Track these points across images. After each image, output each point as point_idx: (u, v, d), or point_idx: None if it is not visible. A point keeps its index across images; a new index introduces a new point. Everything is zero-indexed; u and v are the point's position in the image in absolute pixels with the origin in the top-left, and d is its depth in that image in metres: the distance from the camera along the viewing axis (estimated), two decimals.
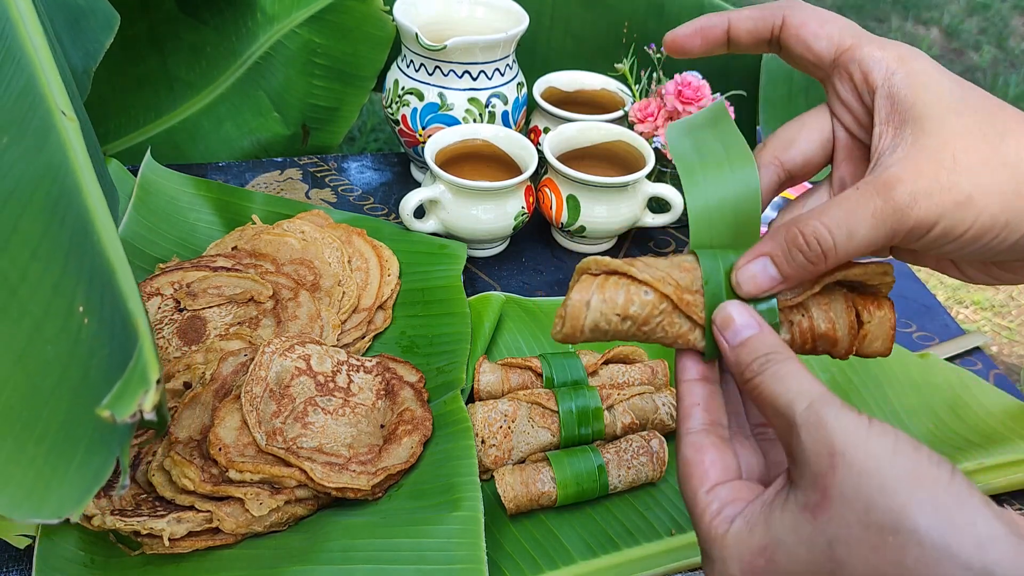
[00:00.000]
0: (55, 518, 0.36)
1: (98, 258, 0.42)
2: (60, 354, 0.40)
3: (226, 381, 0.57)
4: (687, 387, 0.39)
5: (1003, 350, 1.71)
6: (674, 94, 0.79)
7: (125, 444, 0.37)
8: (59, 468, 0.37)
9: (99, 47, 0.67)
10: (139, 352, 0.37)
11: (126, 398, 0.35)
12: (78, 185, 0.45)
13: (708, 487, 0.36)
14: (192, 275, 0.66)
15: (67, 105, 0.49)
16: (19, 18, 0.52)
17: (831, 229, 0.35)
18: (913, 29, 2.84)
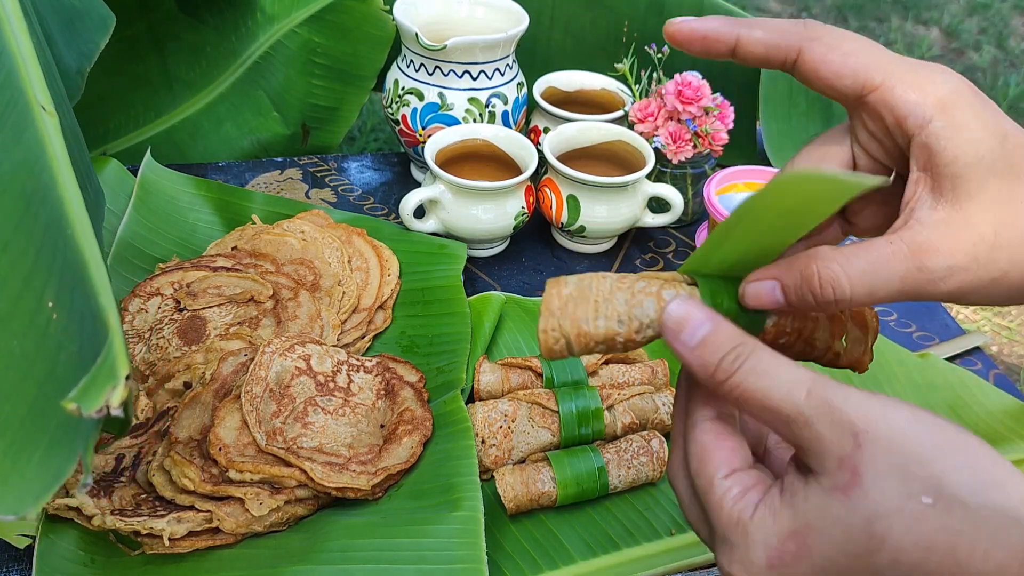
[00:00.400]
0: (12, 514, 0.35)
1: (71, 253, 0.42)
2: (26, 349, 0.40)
3: (226, 381, 0.57)
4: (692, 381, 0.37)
5: (1003, 350, 1.71)
6: (674, 94, 0.79)
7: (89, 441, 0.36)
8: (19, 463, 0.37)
9: (94, 47, 0.67)
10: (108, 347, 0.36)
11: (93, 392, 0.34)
12: (54, 180, 0.45)
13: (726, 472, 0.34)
14: (192, 275, 0.66)
15: (47, 100, 0.48)
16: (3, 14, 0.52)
17: (852, 281, 0.34)
18: (913, 29, 2.84)
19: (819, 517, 0.30)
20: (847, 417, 0.30)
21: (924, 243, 0.33)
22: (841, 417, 0.30)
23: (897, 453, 0.29)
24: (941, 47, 2.75)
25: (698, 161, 0.83)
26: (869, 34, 2.78)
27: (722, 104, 0.81)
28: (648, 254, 0.83)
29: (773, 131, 0.93)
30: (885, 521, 0.29)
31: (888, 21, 2.87)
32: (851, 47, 0.36)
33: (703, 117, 0.80)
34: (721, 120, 0.81)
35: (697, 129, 0.80)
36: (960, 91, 0.35)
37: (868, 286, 0.33)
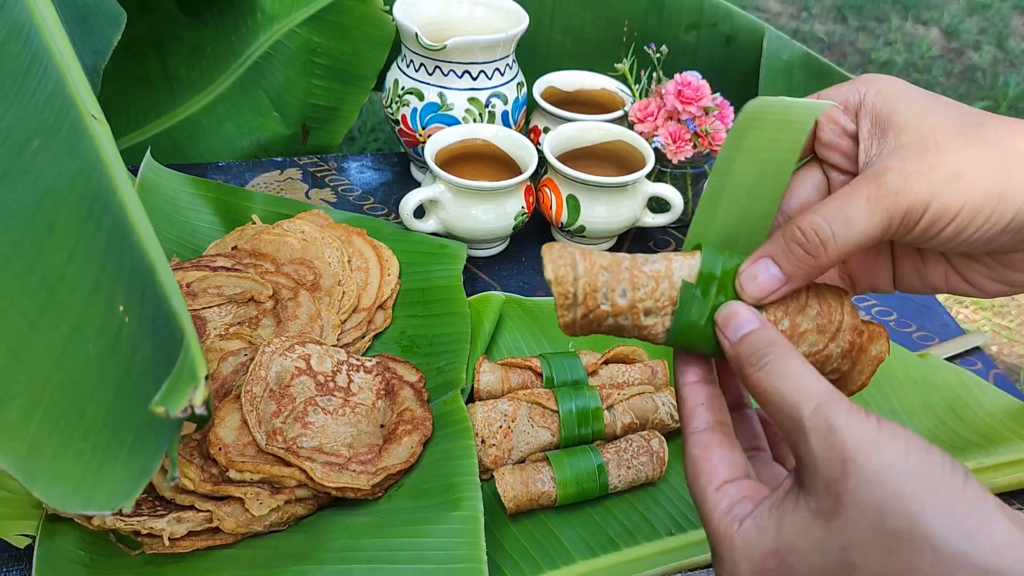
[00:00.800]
0: (107, 509, 0.37)
1: (137, 258, 0.43)
2: (101, 352, 0.41)
3: (226, 381, 0.57)
4: (689, 389, 0.39)
5: (1003, 350, 1.71)
6: (674, 94, 0.79)
7: (174, 438, 0.38)
8: (107, 462, 0.39)
9: (107, 44, 0.67)
10: (186, 349, 0.38)
11: (177, 393, 0.36)
12: (113, 187, 0.46)
13: (717, 484, 0.35)
14: (192, 275, 0.66)
15: (96, 108, 0.50)
16: (43, 23, 0.53)
17: (827, 219, 0.36)
18: (913, 29, 2.84)
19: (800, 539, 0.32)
20: (840, 442, 0.31)
21: (878, 168, 0.36)
22: (835, 440, 0.31)
23: (880, 487, 0.30)
24: (941, 47, 2.75)
25: (698, 161, 0.83)
26: (869, 34, 2.78)
27: (722, 104, 0.81)
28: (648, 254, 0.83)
29: None
30: (860, 551, 0.30)
31: (888, 21, 2.87)
32: None
33: (703, 117, 0.80)
34: (721, 120, 0.81)
35: (697, 129, 0.80)
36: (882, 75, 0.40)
37: (843, 217, 0.35)
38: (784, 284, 0.37)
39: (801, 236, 0.36)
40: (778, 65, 0.93)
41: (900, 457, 0.30)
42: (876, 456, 0.31)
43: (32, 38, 0.52)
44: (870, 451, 0.31)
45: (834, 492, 0.31)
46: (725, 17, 0.94)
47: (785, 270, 0.37)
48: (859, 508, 0.30)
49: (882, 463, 0.30)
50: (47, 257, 0.43)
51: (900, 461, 0.30)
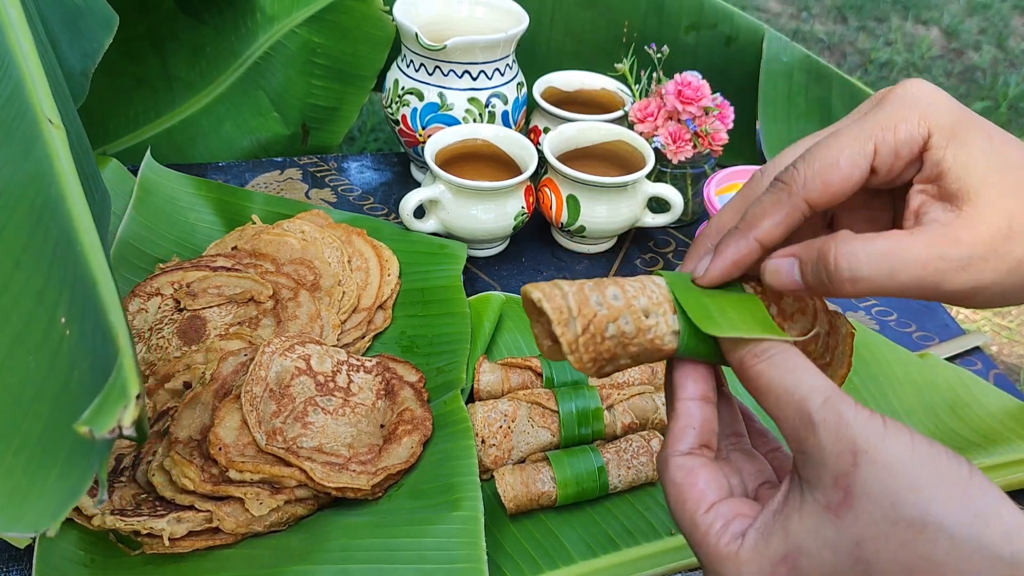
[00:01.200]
0: (32, 531, 0.35)
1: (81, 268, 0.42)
2: (41, 365, 0.40)
3: (226, 381, 0.57)
4: (684, 406, 0.37)
5: (1003, 350, 1.71)
6: (674, 94, 0.79)
7: (103, 458, 0.36)
8: (37, 481, 0.37)
9: (98, 47, 0.67)
10: (119, 366, 0.36)
11: (105, 413, 0.34)
12: (63, 194, 0.45)
13: (706, 508, 0.34)
14: (192, 275, 0.66)
15: (54, 112, 0.48)
16: (8, 23, 0.52)
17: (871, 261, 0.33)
18: (913, 29, 2.84)
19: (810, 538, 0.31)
20: (851, 433, 0.31)
21: (944, 232, 0.33)
22: (846, 432, 0.31)
23: (890, 479, 0.30)
24: (941, 47, 2.76)
25: (698, 161, 0.83)
26: (869, 34, 2.78)
27: (722, 104, 0.81)
28: (648, 254, 0.83)
29: (772, 132, 0.93)
30: (872, 545, 0.30)
31: (888, 21, 2.87)
32: None
33: (703, 117, 0.80)
34: (721, 120, 0.81)
35: (697, 129, 0.80)
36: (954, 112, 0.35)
37: (888, 268, 0.33)
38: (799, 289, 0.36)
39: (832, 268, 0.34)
40: (778, 67, 0.93)
41: (908, 450, 0.30)
42: (885, 449, 0.30)
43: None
44: (879, 444, 0.31)
45: (843, 485, 0.31)
46: (725, 18, 0.94)
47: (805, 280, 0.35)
48: (871, 500, 0.30)
49: (891, 455, 0.30)
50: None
51: (908, 454, 0.30)
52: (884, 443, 0.31)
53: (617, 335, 0.37)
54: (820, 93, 0.97)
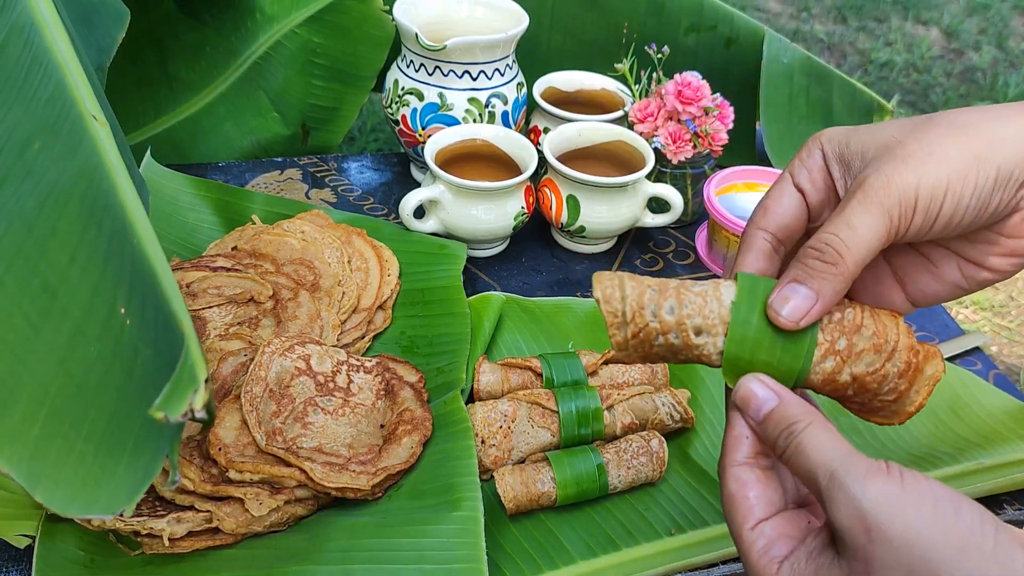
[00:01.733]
0: (107, 514, 0.37)
1: (139, 260, 0.43)
2: (103, 354, 0.41)
3: (226, 381, 0.57)
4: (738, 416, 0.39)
5: (1003, 350, 1.71)
6: (674, 94, 0.79)
7: (175, 441, 0.38)
8: (108, 466, 0.38)
9: (111, 42, 0.67)
10: (186, 352, 0.38)
11: (177, 397, 0.36)
12: (114, 188, 0.46)
13: (752, 524, 0.36)
14: (192, 275, 0.66)
15: (97, 109, 0.49)
16: (43, 23, 0.53)
17: (832, 230, 0.38)
18: (913, 29, 2.84)
19: None
20: (860, 511, 0.32)
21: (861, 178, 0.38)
22: (855, 510, 0.32)
23: (907, 554, 0.31)
24: (941, 47, 2.76)
25: (698, 161, 0.83)
26: (869, 34, 2.78)
27: (722, 104, 0.81)
28: (648, 254, 0.83)
29: (773, 133, 0.93)
30: None
31: (888, 21, 2.87)
32: None
33: (703, 117, 0.80)
34: (721, 120, 0.81)
35: (697, 129, 0.80)
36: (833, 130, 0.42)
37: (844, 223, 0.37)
38: (816, 303, 0.38)
39: (816, 252, 0.38)
40: (778, 68, 0.93)
41: (927, 522, 0.31)
42: (901, 522, 0.32)
43: (33, 39, 0.52)
44: (894, 517, 0.32)
45: (863, 558, 0.32)
46: (725, 19, 0.94)
47: (812, 287, 0.38)
48: (888, 571, 0.31)
49: (909, 529, 0.31)
50: (49, 259, 0.42)
51: (927, 525, 0.31)
52: (899, 515, 0.32)
53: (665, 345, 0.39)
54: (821, 94, 0.97)
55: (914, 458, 0.60)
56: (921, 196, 0.37)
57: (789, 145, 0.95)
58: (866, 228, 0.37)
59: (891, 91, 2.48)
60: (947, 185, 0.37)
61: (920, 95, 2.49)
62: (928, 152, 0.37)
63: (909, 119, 0.40)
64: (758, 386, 0.38)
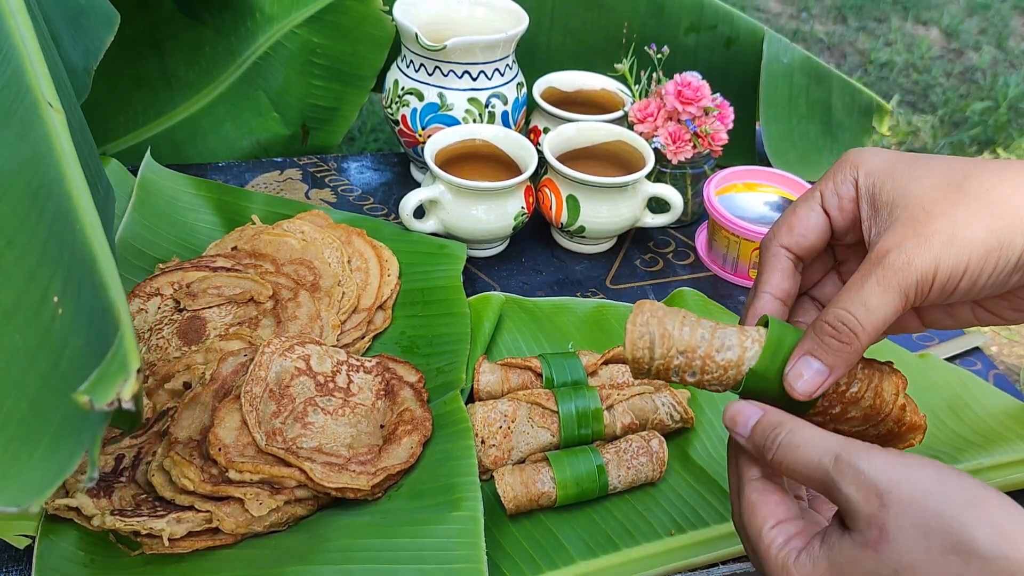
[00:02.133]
0: (14, 507, 0.35)
1: (79, 248, 0.42)
2: (29, 343, 0.40)
3: (226, 381, 0.57)
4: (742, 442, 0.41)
5: (1003, 350, 1.71)
6: (674, 94, 0.79)
7: (97, 435, 0.36)
8: (21, 457, 0.37)
9: (100, 45, 0.67)
10: (119, 340, 0.36)
11: (105, 384, 0.34)
12: (62, 175, 0.45)
13: (773, 524, 0.38)
14: (192, 275, 0.66)
15: (53, 96, 0.48)
16: (8, 12, 0.52)
17: (848, 308, 0.39)
18: (913, 29, 2.84)
19: (852, 567, 0.35)
20: (872, 480, 0.34)
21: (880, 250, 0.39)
22: (867, 480, 0.34)
23: (920, 511, 0.33)
24: (941, 47, 2.76)
25: (698, 161, 0.83)
26: (869, 34, 2.78)
27: (722, 104, 0.81)
28: (648, 254, 0.83)
29: (774, 133, 0.93)
30: (910, 572, 0.33)
31: (888, 21, 2.87)
32: None
33: (703, 117, 0.80)
34: (721, 120, 0.81)
35: (697, 129, 0.80)
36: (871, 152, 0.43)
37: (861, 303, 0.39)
38: (828, 376, 0.40)
39: (832, 330, 0.39)
40: (778, 68, 0.93)
41: (934, 482, 0.34)
42: (910, 484, 0.34)
43: None
44: (902, 481, 0.34)
45: (877, 524, 0.34)
46: (725, 19, 0.94)
47: (826, 362, 0.40)
48: (903, 532, 0.33)
49: (918, 490, 0.33)
50: None
51: (935, 485, 0.33)
52: (908, 479, 0.34)
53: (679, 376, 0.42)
54: (821, 94, 0.97)
55: None
56: (939, 277, 0.38)
57: (789, 145, 0.95)
58: (883, 309, 0.38)
59: (891, 91, 2.48)
60: (967, 267, 0.38)
61: (920, 95, 2.49)
62: (953, 233, 0.37)
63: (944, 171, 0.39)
64: (742, 404, 0.41)
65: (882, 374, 0.43)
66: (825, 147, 0.98)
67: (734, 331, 0.42)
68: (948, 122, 2.36)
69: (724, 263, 0.80)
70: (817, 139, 0.98)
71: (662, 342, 0.41)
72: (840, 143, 0.99)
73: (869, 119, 0.99)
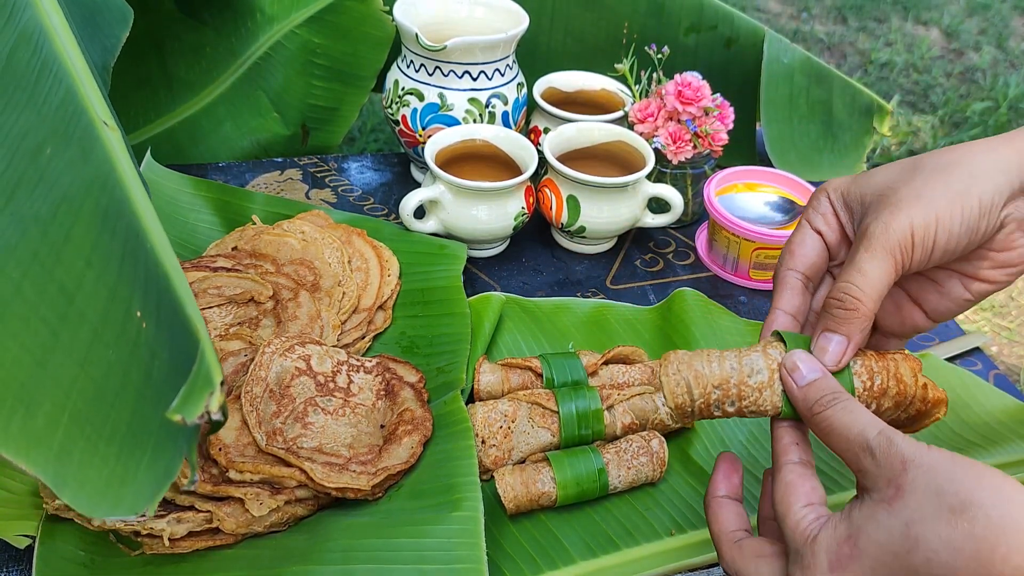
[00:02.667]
0: (131, 514, 0.38)
1: (152, 265, 0.44)
2: (121, 357, 0.42)
3: (226, 381, 0.57)
4: (784, 430, 0.46)
5: (1003, 350, 1.71)
6: (674, 94, 0.79)
7: (193, 441, 0.38)
8: (130, 466, 0.39)
9: (116, 42, 0.68)
10: (201, 355, 0.39)
11: (194, 400, 0.37)
12: (127, 194, 0.46)
13: (805, 503, 0.42)
14: (192, 275, 0.66)
15: (107, 114, 0.50)
16: (52, 29, 0.53)
17: (847, 279, 0.45)
18: (913, 30, 2.84)
19: (867, 522, 0.39)
20: (900, 451, 0.39)
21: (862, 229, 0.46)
22: (896, 450, 0.39)
23: (934, 476, 0.37)
24: (941, 47, 2.76)
25: (698, 161, 0.83)
26: (869, 35, 2.78)
27: (722, 104, 0.81)
28: (648, 254, 0.83)
29: (774, 133, 0.93)
30: (920, 526, 0.36)
31: (888, 21, 2.87)
32: None
33: (703, 117, 0.80)
34: (721, 120, 0.81)
35: (697, 129, 0.80)
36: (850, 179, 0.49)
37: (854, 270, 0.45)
38: (848, 344, 0.46)
39: (838, 302, 0.45)
40: (779, 69, 0.93)
41: (949, 458, 0.38)
42: (929, 457, 0.38)
43: (42, 44, 0.52)
44: (923, 454, 0.38)
45: (895, 484, 0.38)
46: (725, 19, 0.94)
47: (842, 332, 0.45)
48: (917, 490, 0.37)
49: (935, 460, 0.38)
50: (65, 264, 0.43)
51: (950, 460, 0.38)
52: (929, 454, 0.38)
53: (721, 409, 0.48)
54: (821, 95, 0.97)
55: None
56: (916, 234, 0.44)
57: (789, 145, 0.95)
58: (876, 271, 0.44)
59: (891, 91, 2.48)
60: (937, 221, 0.44)
61: (920, 95, 2.49)
62: (916, 196, 0.44)
63: (899, 163, 0.47)
64: (805, 355, 0.46)
65: (896, 362, 0.48)
66: (826, 147, 0.98)
67: (758, 355, 0.47)
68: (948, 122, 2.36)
69: (724, 263, 0.80)
70: (818, 139, 0.98)
71: (697, 383, 0.47)
72: (841, 143, 0.99)
73: (870, 119, 0.99)
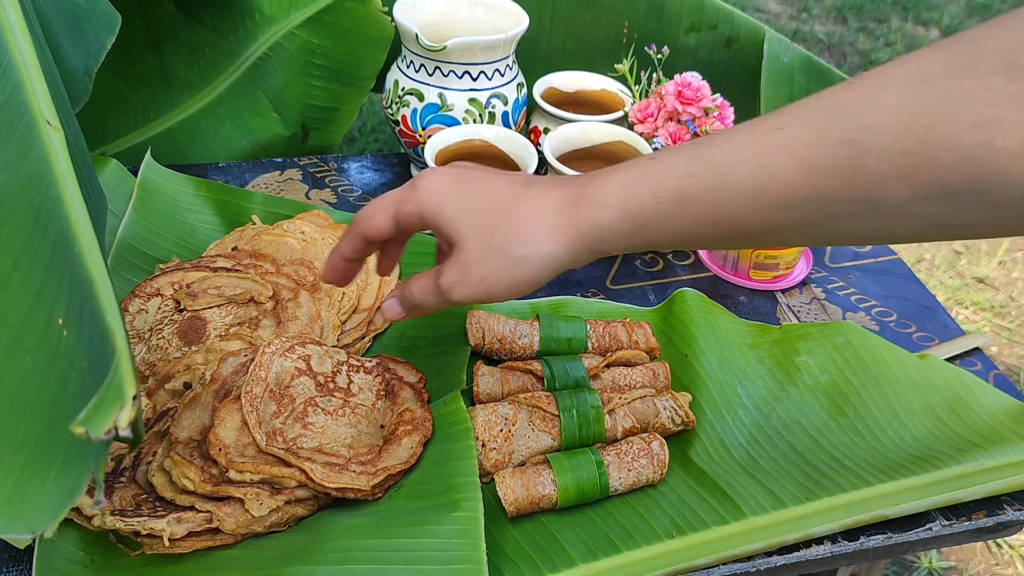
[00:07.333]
0: (29, 532, 0.35)
1: (79, 270, 0.42)
2: (39, 365, 0.40)
3: (226, 381, 0.57)
4: None
5: (1003, 350, 1.71)
6: (674, 94, 0.79)
7: (100, 460, 0.36)
8: (36, 481, 0.37)
9: (100, 47, 0.67)
10: (115, 367, 0.36)
11: (101, 414, 0.34)
12: (60, 196, 0.45)
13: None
14: (192, 275, 0.66)
15: (52, 114, 0.48)
16: (6, 26, 0.52)
17: (415, 289, 0.53)
18: (913, 29, 2.84)
19: None
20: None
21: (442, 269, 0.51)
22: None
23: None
24: None
25: None
26: (869, 35, 2.78)
27: (722, 104, 0.81)
28: (648, 254, 0.83)
29: None
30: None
31: (888, 22, 2.87)
32: None
33: (703, 118, 0.80)
34: (721, 120, 0.81)
35: (697, 130, 0.80)
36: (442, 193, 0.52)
37: (420, 296, 0.53)
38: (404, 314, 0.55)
39: (404, 296, 0.54)
40: (779, 68, 0.93)
41: None
42: None
43: None
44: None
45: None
46: (725, 19, 0.94)
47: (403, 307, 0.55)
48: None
49: None
50: None
51: None
52: None
53: None
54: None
55: (914, 458, 0.60)
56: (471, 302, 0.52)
57: None
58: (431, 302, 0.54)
59: None
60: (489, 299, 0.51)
61: None
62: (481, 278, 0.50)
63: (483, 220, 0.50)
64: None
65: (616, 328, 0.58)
66: None
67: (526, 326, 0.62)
68: None
69: (724, 263, 0.80)
70: None
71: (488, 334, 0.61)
72: None
73: None
